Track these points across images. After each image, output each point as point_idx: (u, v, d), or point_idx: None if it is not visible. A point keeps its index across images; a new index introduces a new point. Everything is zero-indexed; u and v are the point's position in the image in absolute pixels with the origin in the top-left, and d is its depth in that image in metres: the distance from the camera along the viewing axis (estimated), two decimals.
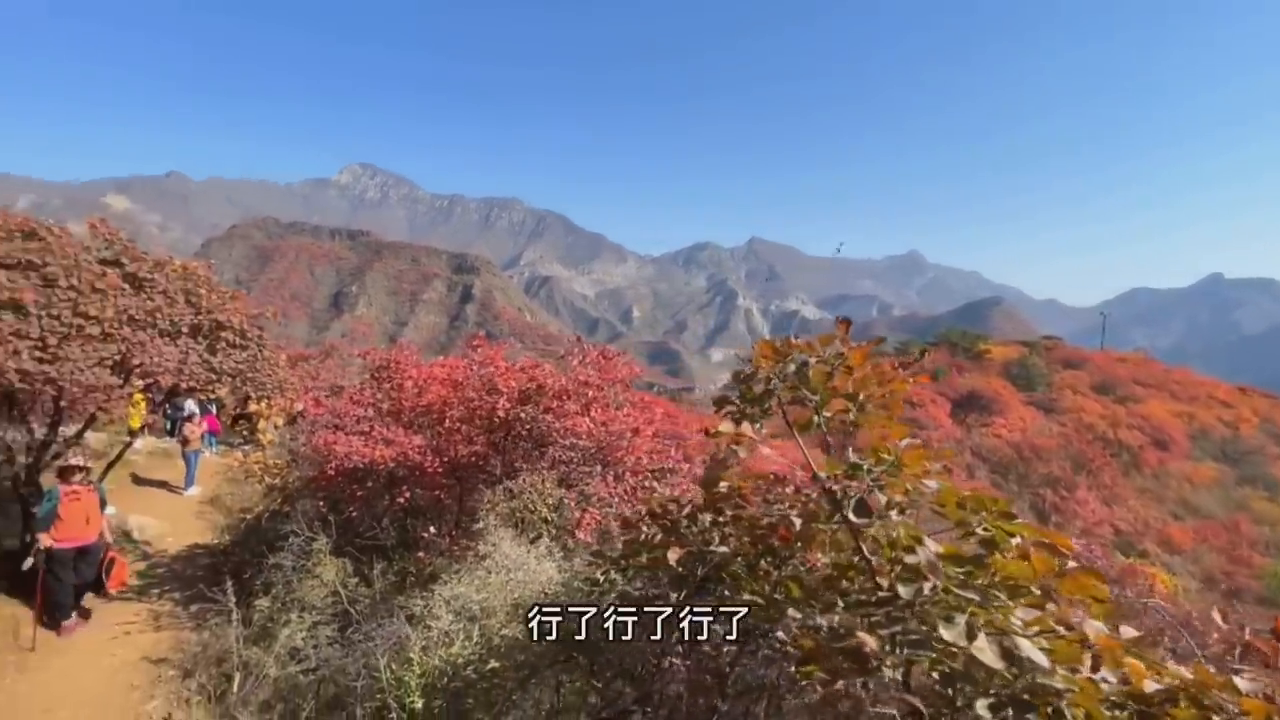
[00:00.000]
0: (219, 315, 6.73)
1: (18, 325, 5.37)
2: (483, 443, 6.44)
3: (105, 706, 5.02)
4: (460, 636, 3.47)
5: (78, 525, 6.36)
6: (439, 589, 3.94)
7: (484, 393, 6.09)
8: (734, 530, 2.13)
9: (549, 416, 5.85)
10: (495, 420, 6.04)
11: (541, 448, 5.98)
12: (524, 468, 6.39)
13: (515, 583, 3.74)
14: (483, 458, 6.24)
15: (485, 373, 6.64)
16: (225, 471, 14.31)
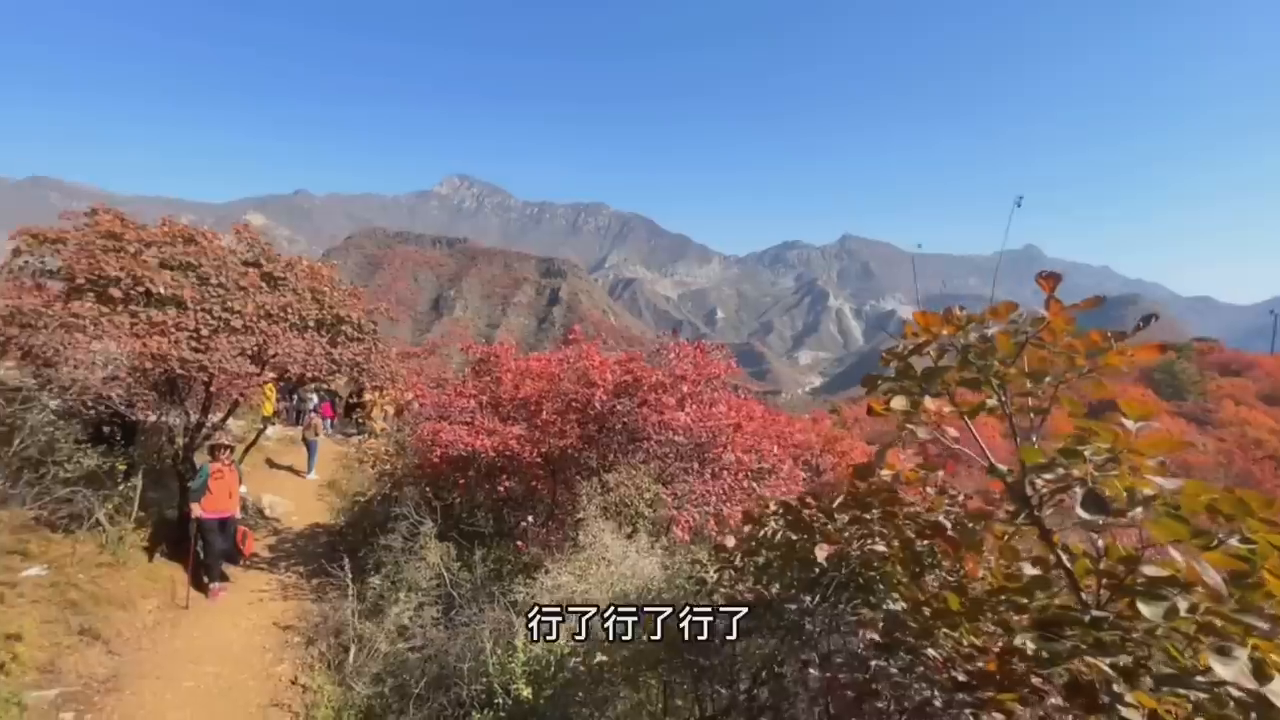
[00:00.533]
0: (340, 310, 7.23)
1: (179, 318, 6.03)
2: (576, 435, 6.46)
3: (242, 665, 5.49)
4: (562, 628, 3.40)
5: (222, 499, 7.05)
6: (541, 578, 3.91)
7: (580, 385, 6.09)
8: (886, 529, 1.86)
9: (644, 410, 5.73)
10: (590, 413, 6.01)
11: (636, 442, 5.88)
12: (617, 462, 6.33)
13: (617, 576, 3.63)
14: (576, 450, 6.24)
15: (581, 366, 6.65)
16: (341, 458, 15.59)
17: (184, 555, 7.31)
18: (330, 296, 7.43)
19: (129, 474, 7.15)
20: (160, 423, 8.39)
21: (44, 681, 4.50)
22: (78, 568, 5.89)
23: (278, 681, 5.23)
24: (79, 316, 4.19)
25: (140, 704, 4.70)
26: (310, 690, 5.07)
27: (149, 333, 5.73)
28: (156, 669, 5.25)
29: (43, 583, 5.40)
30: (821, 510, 2.04)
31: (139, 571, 6.63)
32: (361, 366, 7.32)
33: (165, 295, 6.06)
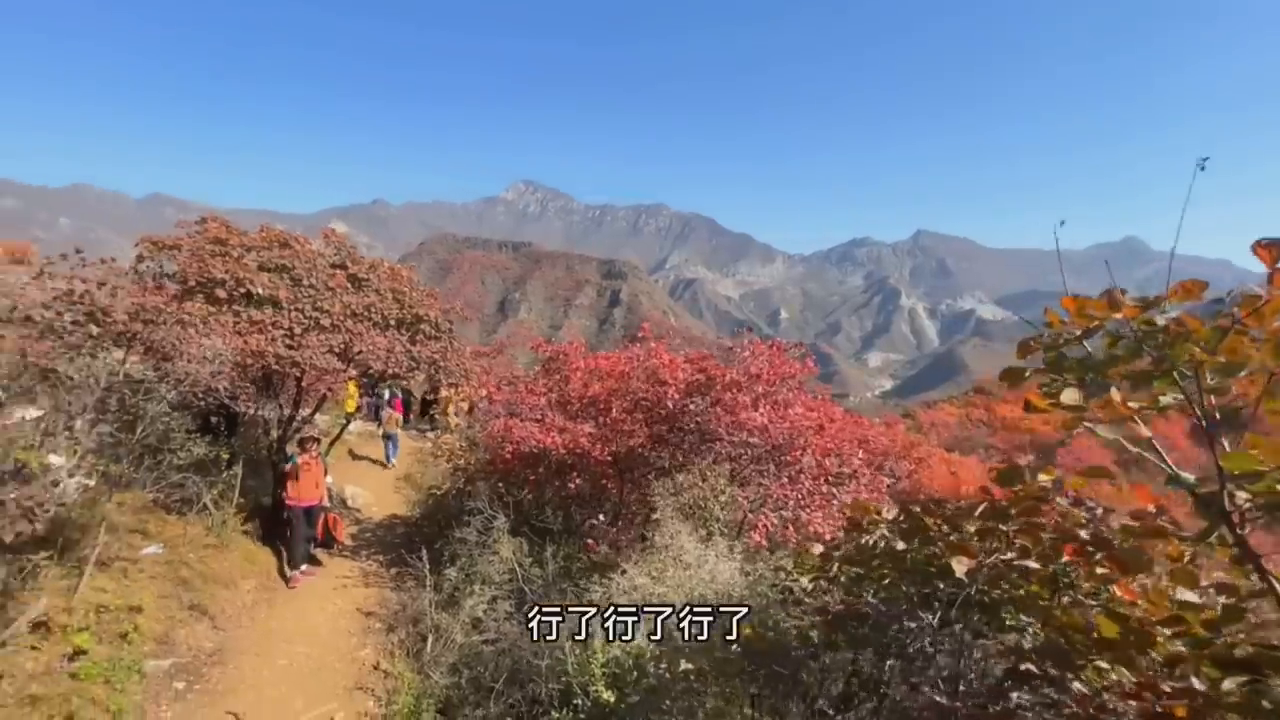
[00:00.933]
0: (419, 310, 7.49)
1: (275, 317, 6.42)
2: (645, 435, 6.37)
3: (329, 647, 5.76)
4: (639, 630, 3.31)
5: (309, 489, 7.45)
6: (617, 578, 3.83)
7: (650, 384, 6.00)
8: (1029, 543, 1.62)
9: (718, 410, 5.56)
10: (661, 412, 5.90)
11: (708, 442, 5.72)
12: (688, 463, 6.20)
13: (696, 580, 3.49)
14: (646, 449, 6.15)
15: (650, 365, 6.56)
16: (416, 453, 16.31)
17: (278, 540, 7.80)
18: (409, 297, 7.72)
19: (231, 463, 7.70)
20: (256, 416, 9.03)
21: (159, 652, 4.88)
22: (188, 548, 6.38)
23: (361, 665, 5.44)
24: (190, 315, 4.55)
25: (241, 678, 5.01)
26: (391, 676, 5.24)
27: (249, 331, 6.12)
28: (255, 645, 5.60)
29: (159, 560, 5.88)
30: (945, 519, 1.82)
31: (239, 553, 7.11)
32: (438, 364, 7.55)
33: (263, 296, 6.47)
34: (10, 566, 4.44)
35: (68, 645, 4.21)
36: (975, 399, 50.28)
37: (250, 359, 5.79)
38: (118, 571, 5.35)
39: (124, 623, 4.75)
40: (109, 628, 4.64)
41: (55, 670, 4.06)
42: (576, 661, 3.35)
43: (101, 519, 5.09)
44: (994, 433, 39.82)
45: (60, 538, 4.94)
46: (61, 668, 4.10)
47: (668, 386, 5.57)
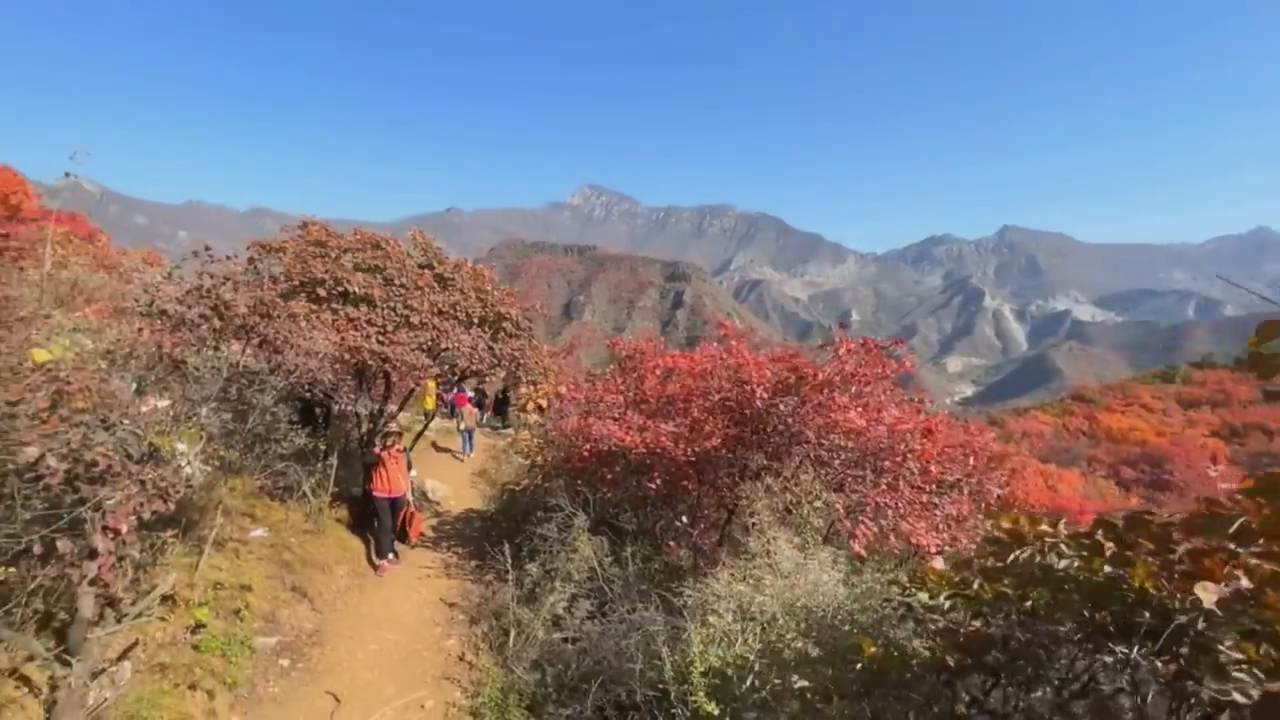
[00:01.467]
0: (501, 308, 7.63)
1: (369, 315, 6.71)
2: (721, 436, 6.15)
3: (416, 635, 5.92)
4: (740, 639, 3.12)
5: (394, 481, 7.74)
6: (711, 583, 3.66)
7: (734, 384, 5.78)
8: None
9: (808, 410, 5.27)
10: (746, 412, 5.67)
11: (797, 445, 5.43)
12: (773, 465, 5.93)
13: (800, 590, 3.26)
14: (729, 450, 5.93)
15: (732, 363, 6.34)
16: (489, 450, 16.84)
17: (366, 529, 8.18)
18: (491, 295, 7.88)
19: (327, 454, 8.14)
20: (346, 411, 9.54)
21: (266, 629, 5.17)
22: (289, 532, 6.77)
23: (447, 655, 5.55)
24: (296, 313, 4.84)
25: (338, 659, 5.23)
26: (476, 668, 5.30)
27: (346, 327, 6.41)
28: (348, 629, 5.84)
29: (265, 543, 6.26)
30: (1149, 536, 1.53)
31: (333, 540, 7.49)
32: (519, 361, 7.66)
33: (359, 294, 6.78)
34: (144, 543, 4.82)
35: (190, 618, 4.52)
36: (1074, 407, 46.10)
37: (348, 354, 6.06)
38: (230, 552, 5.73)
39: (236, 600, 5.06)
40: (224, 604, 4.95)
41: (180, 641, 4.36)
42: (674, 668, 3.20)
43: (218, 502, 5.46)
44: (1097, 444, 36.22)
45: (184, 518, 5.35)
46: (185, 639, 4.40)
47: (756, 385, 5.34)
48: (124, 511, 2.98)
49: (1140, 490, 29.89)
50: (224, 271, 4.11)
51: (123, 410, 3.11)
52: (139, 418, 3.16)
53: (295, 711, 4.48)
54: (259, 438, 5.86)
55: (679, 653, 3.38)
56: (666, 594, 5.07)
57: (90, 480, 2.88)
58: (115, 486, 3.01)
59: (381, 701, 4.72)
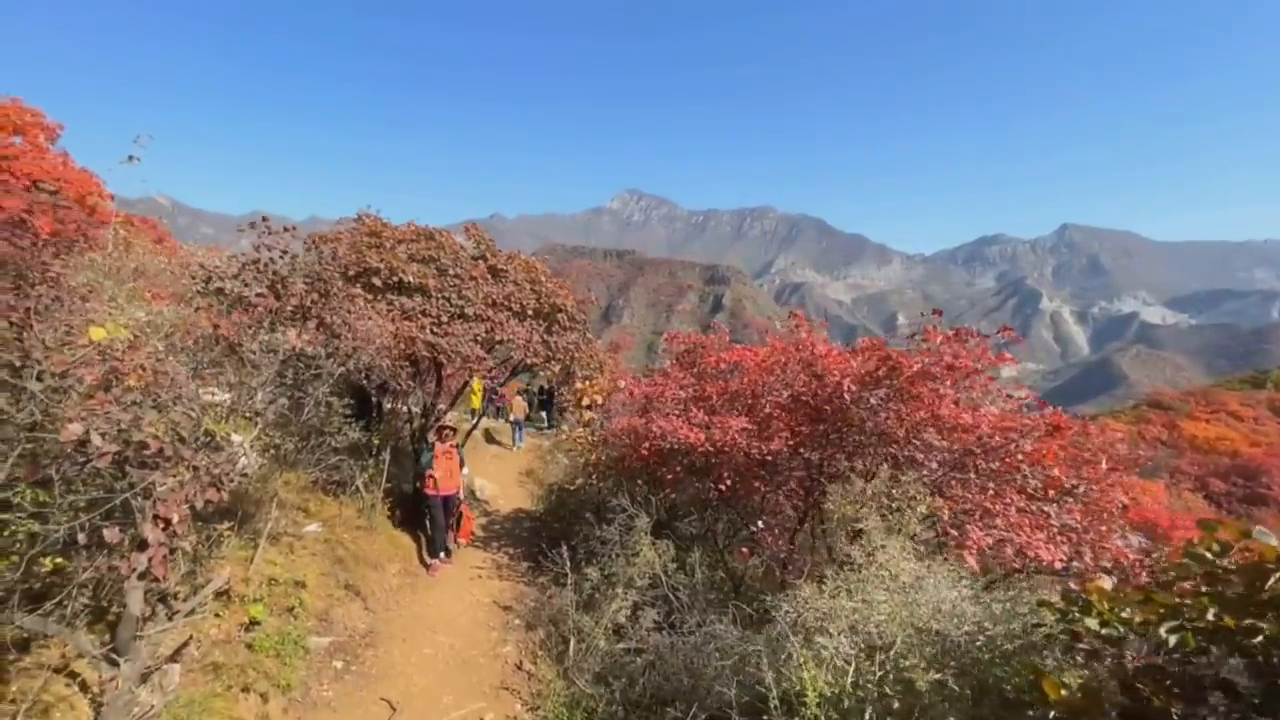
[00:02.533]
0: (555, 299, 7.33)
1: (424, 305, 6.50)
2: (795, 433, 5.64)
3: (471, 640, 5.63)
4: (853, 664, 2.64)
5: (446, 479, 7.52)
6: (811, 597, 3.18)
7: (811, 376, 5.29)
8: None
9: (899, 405, 4.72)
10: (826, 408, 5.15)
11: (887, 445, 4.88)
12: (854, 465, 5.38)
13: (921, 607, 2.75)
14: (807, 448, 5.42)
15: (806, 355, 5.83)
16: (534, 449, 16.69)
17: (417, 527, 8.01)
18: (545, 287, 7.60)
19: (379, 449, 8.01)
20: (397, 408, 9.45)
21: (320, 629, 4.96)
22: (342, 528, 6.62)
23: (504, 663, 5.23)
24: (353, 294, 4.62)
25: (391, 663, 4.97)
26: (535, 678, 4.96)
27: (400, 318, 6.21)
28: (402, 630, 5.60)
29: (319, 538, 6.11)
30: None
31: (385, 538, 7.32)
32: (573, 355, 7.34)
33: (413, 284, 6.59)
34: (200, 535, 4.68)
35: (244, 615, 4.33)
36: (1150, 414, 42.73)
37: (402, 344, 5.86)
38: (285, 547, 5.58)
39: (290, 597, 4.87)
40: (278, 600, 4.77)
41: (234, 639, 4.17)
42: (780, 695, 2.74)
43: (273, 495, 5.31)
44: (1180, 454, 33.27)
45: (240, 510, 5.21)
46: (239, 637, 4.21)
47: (838, 378, 4.82)
48: (175, 499, 2.74)
49: (1233, 505, 27.29)
50: (281, 244, 3.91)
51: (176, 391, 2.88)
52: (193, 400, 2.92)
53: (350, 719, 4.22)
54: (314, 430, 5.70)
55: (776, 674, 2.91)
56: (743, 605, 4.61)
57: (140, 464, 2.65)
58: (166, 472, 2.77)
59: (439, 712, 4.42)
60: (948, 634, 2.61)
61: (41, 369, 2.27)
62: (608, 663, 4.98)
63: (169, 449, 2.75)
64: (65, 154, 10.12)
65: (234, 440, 3.49)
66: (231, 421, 4.19)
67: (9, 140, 9.41)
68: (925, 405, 4.69)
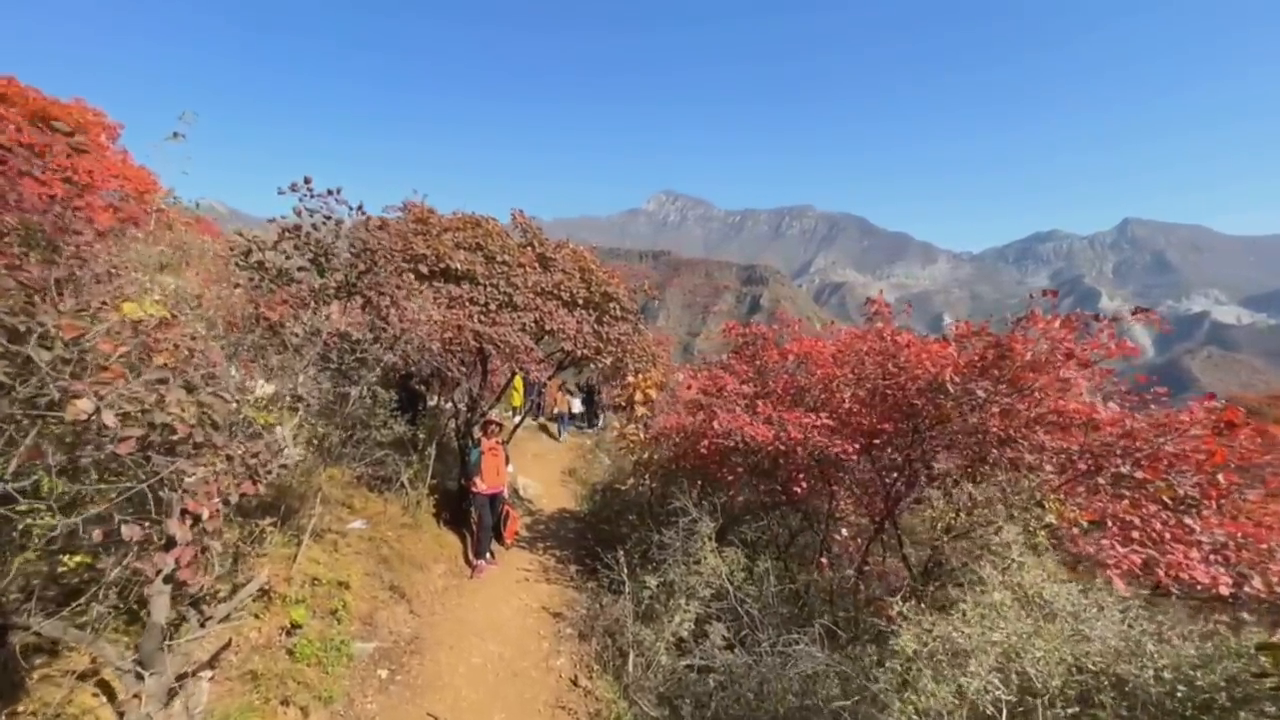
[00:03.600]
0: (607, 288, 6.91)
1: (472, 293, 6.18)
2: (869, 433, 5.04)
3: (520, 649, 5.24)
4: (1004, 712, 2.09)
5: (492, 475, 7.20)
6: (934, 624, 2.63)
7: (899, 368, 4.70)
8: None
9: (1007, 398, 4.09)
10: (917, 403, 4.55)
11: (990, 445, 4.25)
12: (946, 470, 4.76)
13: (1093, 643, 2.18)
14: (888, 447, 4.83)
15: (885, 346, 5.22)
16: (575, 449, 16.38)
17: (462, 526, 7.72)
18: (596, 275, 7.20)
19: (425, 444, 7.76)
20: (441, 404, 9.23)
21: (364, 633, 4.66)
22: (387, 525, 6.36)
23: (558, 677, 4.81)
24: (401, 268, 4.29)
25: (439, 673, 4.62)
26: (593, 696, 4.53)
27: (448, 305, 5.90)
28: (448, 636, 5.26)
29: (363, 536, 5.85)
30: None
31: (430, 536, 7.04)
32: (625, 346, 6.90)
33: (460, 271, 6.28)
34: (242, 530, 4.44)
35: (285, 618, 4.04)
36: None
37: (450, 333, 5.53)
38: (329, 544, 5.32)
39: (334, 599, 4.58)
40: (321, 602, 4.48)
41: (274, 644, 3.88)
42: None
43: (317, 490, 5.05)
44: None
45: (283, 505, 4.97)
46: (279, 641, 3.92)
47: (938, 368, 4.21)
48: (206, 492, 2.40)
49: None
50: (325, 209, 3.59)
51: (209, 370, 2.55)
52: (228, 380, 2.59)
53: None
54: (359, 422, 5.43)
55: (872, 701, 2.38)
56: (826, 622, 4.07)
57: (166, 451, 2.32)
58: (196, 461, 2.43)
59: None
60: (1131, 678, 2.03)
61: (48, 335, 1.95)
62: (671, 681, 4.52)
63: (199, 434, 2.42)
64: (125, 152, 10.33)
65: (276, 431, 3.17)
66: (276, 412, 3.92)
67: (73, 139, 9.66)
68: (1038, 399, 4.05)
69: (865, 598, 4.45)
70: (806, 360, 6.03)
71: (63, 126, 8.95)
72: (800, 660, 3.95)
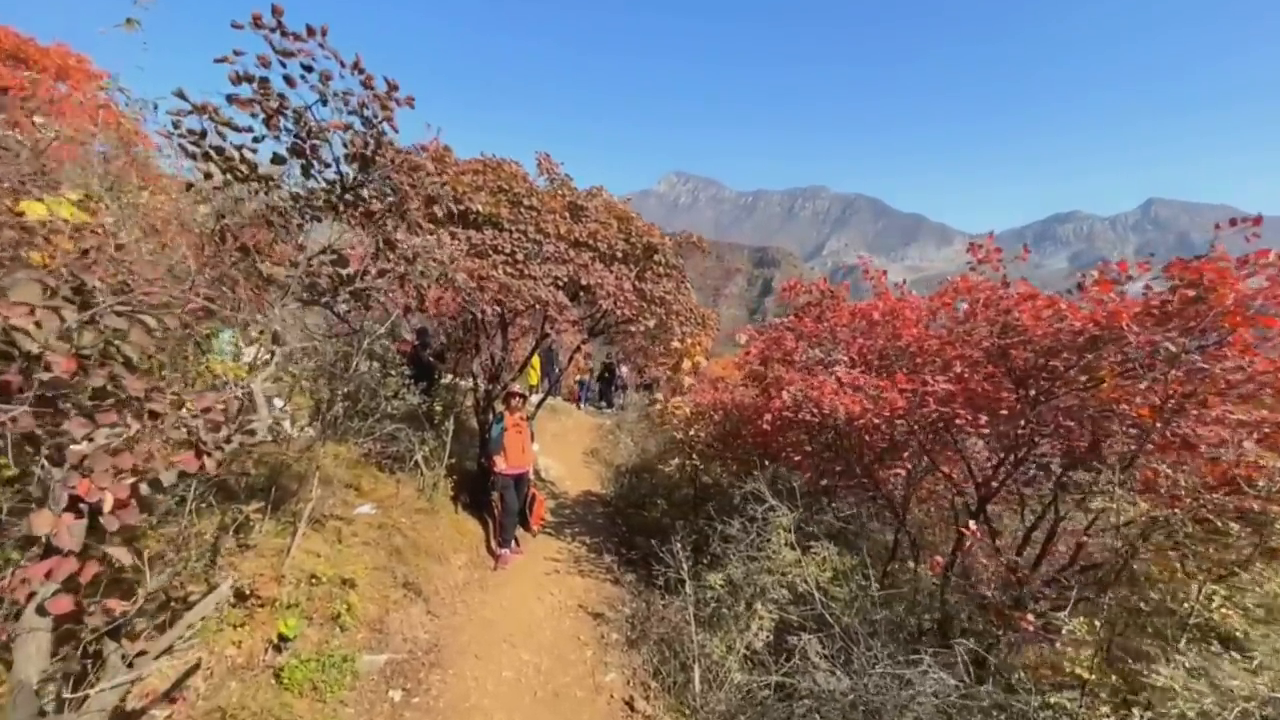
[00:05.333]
0: (650, 238, 5.95)
1: (496, 240, 5.25)
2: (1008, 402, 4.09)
3: (560, 659, 4.39)
4: None
5: (516, 454, 6.34)
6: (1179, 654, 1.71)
7: (1034, 318, 3.73)
8: None
9: (1192, 354, 3.11)
10: (1057, 364, 3.59)
11: (1168, 418, 3.27)
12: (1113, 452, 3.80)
13: None
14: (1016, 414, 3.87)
15: (1002, 298, 4.24)
16: (596, 430, 15.52)
17: (482, 511, 6.90)
18: (635, 224, 6.23)
19: (442, 417, 6.91)
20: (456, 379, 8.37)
21: (373, 642, 3.82)
22: (399, 511, 5.52)
23: (609, 699, 3.94)
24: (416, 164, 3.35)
25: (464, 692, 3.78)
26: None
27: (469, 254, 4.97)
28: (473, 642, 4.43)
29: (371, 523, 5.01)
30: None
31: (448, 522, 6.22)
32: (670, 306, 5.96)
33: (483, 215, 5.34)
34: (222, 517, 3.60)
35: (274, 628, 3.20)
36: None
37: (476, 283, 4.62)
38: (331, 533, 4.48)
39: (336, 600, 3.74)
40: (320, 605, 3.64)
41: (257, 663, 3.04)
42: None
43: (316, 468, 4.19)
44: None
45: (274, 486, 4.13)
46: (264, 660, 3.08)
47: (1111, 313, 3.23)
48: (111, 469, 1.51)
49: None
50: (303, 55, 2.59)
51: (139, 292, 1.65)
52: (154, 303, 1.69)
53: None
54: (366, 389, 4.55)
55: None
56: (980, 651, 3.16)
57: (40, 402, 1.43)
58: (99, 421, 1.54)
59: None
60: None
61: None
62: (749, 703, 3.66)
63: (98, 377, 1.52)
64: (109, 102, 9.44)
65: (274, 405, 2.27)
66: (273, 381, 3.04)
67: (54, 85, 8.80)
68: (1229, 357, 3.07)
69: (997, 609, 3.53)
70: (892, 319, 5.05)
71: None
72: (921, 685, 3.07)
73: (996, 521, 4.70)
